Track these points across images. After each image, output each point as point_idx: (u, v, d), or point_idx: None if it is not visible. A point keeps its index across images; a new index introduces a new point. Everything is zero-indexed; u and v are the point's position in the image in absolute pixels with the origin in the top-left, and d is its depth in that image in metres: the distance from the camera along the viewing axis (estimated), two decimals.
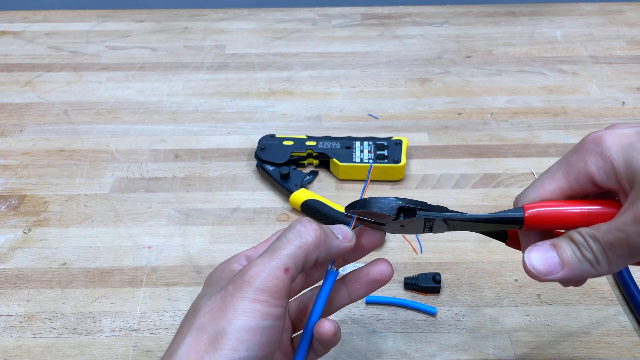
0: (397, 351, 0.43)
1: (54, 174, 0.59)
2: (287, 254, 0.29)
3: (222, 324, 0.27)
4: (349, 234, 0.32)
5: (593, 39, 0.82)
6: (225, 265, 0.32)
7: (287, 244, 0.29)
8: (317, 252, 0.30)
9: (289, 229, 0.30)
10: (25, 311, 0.46)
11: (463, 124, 0.66)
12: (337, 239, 0.32)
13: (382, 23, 0.86)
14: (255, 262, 0.29)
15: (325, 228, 0.31)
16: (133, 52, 0.79)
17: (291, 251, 0.29)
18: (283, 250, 0.29)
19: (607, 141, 0.28)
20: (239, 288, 0.28)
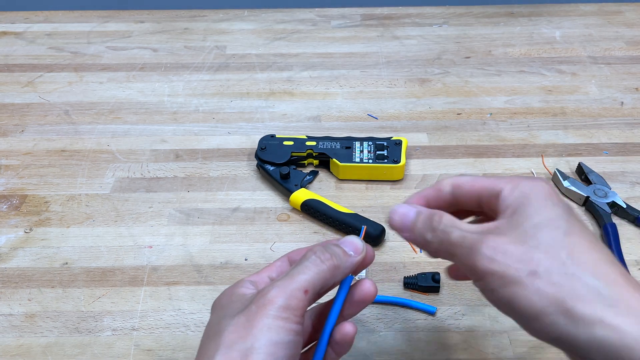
0: (397, 350, 0.43)
1: (55, 174, 0.59)
2: (306, 279, 0.31)
3: (250, 340, 0.28)
4: (359, 246, 0.34)
5: (592, 39, 0.82)
6: (233, 290, 0.33)
7: (305, 270, 0.31)
8: (333, 279, 0.32)
9: (305, 258, 0.32)
10: (26, 310, 0.46)
11: (462, 124, 0.66)
12: (349, 255, 0.33)
13: (382, 24, 0.86)
14: (275, 284, 0.30)
15: (337, 250, 0.33)
16: (134, 52, 0.80)
17: (310, 276, 0.31)
18: (302, 275, 0.31)
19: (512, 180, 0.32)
20: (263, 307, 0.29)
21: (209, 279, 0.48)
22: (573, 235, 0.28)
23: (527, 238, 0.28)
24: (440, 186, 0.34)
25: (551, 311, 0.26)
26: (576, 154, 0.61)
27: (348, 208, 0.53)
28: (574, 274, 0.27)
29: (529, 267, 0.27)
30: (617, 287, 0.27)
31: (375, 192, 0.57)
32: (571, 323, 0.26)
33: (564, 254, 0.27)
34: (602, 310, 0.26)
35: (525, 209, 0.29)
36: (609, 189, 0.55)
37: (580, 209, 0.55)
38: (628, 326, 0.25)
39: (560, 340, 0.27)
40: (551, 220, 0.29)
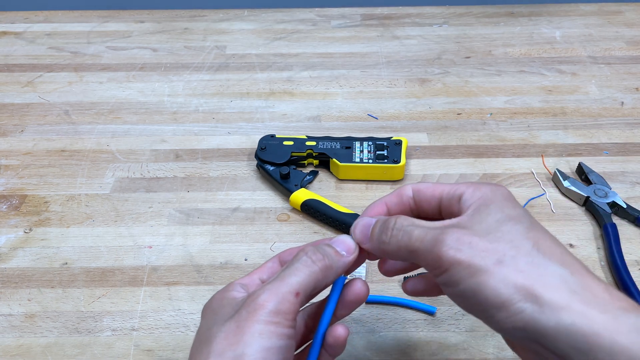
0: (397, 350, 0.43)
1: (54, 174, 0.59)
2: (297, 281, 0.30)
3: (241, 347, 0.28)
4: (352, 246, 0.33)
5: (592, 39, 0.82)
6: (223, 294, 0.32)
7: (296, 272, 0.30)
8: (325, 280, 0.31)
9: (296, 259, 0.31)
10: (26, 311, 0.46)
11: (462, 124, 0.66)
12: (342, 255, 0.32)
13: (382, 24, 0.86)
14: (265, 287, 0.30)
15: (328, 250, 0.32)
16: (134, 52, 0.80)
17: (301, 278, 0.30)
18: (293, 277, 0.30)
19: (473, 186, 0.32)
20: (253, 312, 0.29)
21: (209, 279, 0.48)
22: (536, 230, 0.29)
23: (491, 231, 0.29)
24: (402, 191, 0.34)
25: (518, 299, 0.26)
26: (576, 154, 0.61)
27: (348, 208, 0.53)
28: (540, 262, 0.27)
29: (495, 255, 0.27)
30: (583, 277, 0.27)
31: (375, 192, 0.57)
32: (538, 310, 0.26)
33: (528, 245, 0.28)
34: (569, 297, 0.26)
35: (487, 207, 0.30)
36: (609, 189, 0.55)
37: (581, 209, 0.55)
38: (595, 312, 0.25)
39: (527, 329, 0.26)
40: (513, 216, 0.29)
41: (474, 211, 0.30)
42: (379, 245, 0.32)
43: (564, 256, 0.28)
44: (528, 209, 0.54)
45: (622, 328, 0.25)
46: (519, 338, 0.27)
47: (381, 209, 0.34)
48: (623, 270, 0.47)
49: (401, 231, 0.31)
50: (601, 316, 0.25)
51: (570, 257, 0.28)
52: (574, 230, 0.52)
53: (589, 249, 0.51)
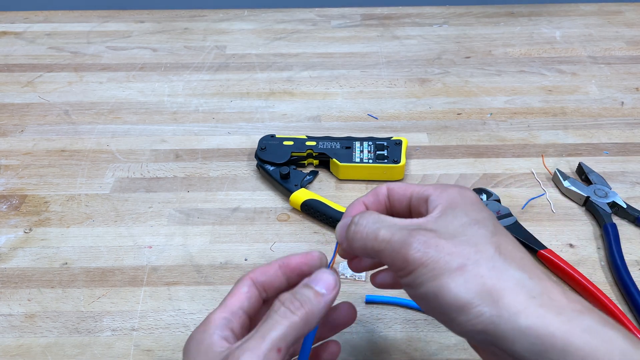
0: (397, 350, 0.43)
1: (54, 174, 0.59)
2: (278, 336, 0.28)
3: None
4: (331, 282, 0.31)
5: (592, 39, 0.82)
6: (203, 337, 0.30)
7: (275, 326, 0.29)
8: (308, 327, 0.30)
9: (274, 311, 0.29)
10: (26, 311, 0.46)
11: (462, 124, 0.66)
12: (322, 295, 0.30)
13: (382, 23, 0.86)
14: (245, 346, 0.28)
15: (307, 294, 0.30)
16: (134, 52, 0.80)
17: (281, 332, 0.28)
18: (273, 331, 0.28)
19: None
20: None
21: (209, 279, 0.48)
22: (499, 235, 0.30)
23: (457, 234, 0.29)
24: (378, 191, 0.35)
25: (478, 302, 0.27)
26: (576, 154, 0.61)
27: None
28: (500, 267, 0.28)
29: (459, 259, 0.28)
30: (541, 280, 0.28)
31: None
32: (497, 313, 0.26)
33: (491, 249, 0.28)
34: (527, 300, 0.27)
35: (453, 210, 0.30)
36: (609, 189, 0.55)
37: (581, 209, 0.55)
38: (551, 315, 0.26)
39: (486, 332, 0.27)
40: (478, 220, 0.30)
41: (440, 213, 0.31)
42: (348, 244, 0.32)
43: (524, 261, 0.29)
44: (528, 209, 0.54)
45: (576, 329, 0.26)
46: (479, 341, 0.28)
47: (360, 208, 0.35)
48: (623, 270, 0.47)
49: (366, 228, 0.31)
50: (556, 318, 0.26)
51: (529, 262, 0.29)
52: (574, 230, 0.52)
53: (589, 249, 0.51)
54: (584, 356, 0.25)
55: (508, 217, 0.52)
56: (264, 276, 0.33)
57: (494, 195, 0.55)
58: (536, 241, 0.50)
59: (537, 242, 0.50)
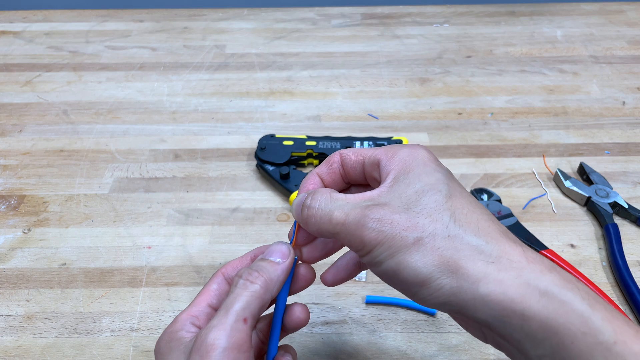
0: (397, 351, 0.43)
1: (53, 174, 0.59)
2: (241, 307, 0.29)
3: None
4: (285, 251, 0.32)
5: (593, 38, 0.81)
6: (171, 334, 0.31)
7: (237, 298, 0.29)
8: (270, 294, 0.30)
9: (234, 285, 0.30)
10: (25, 311, 0.46)
11: (463, 124, 0.65)
12: (277, 264, 0.31)
13: (382, 23, 0.86)
14: (211, 324, 0.28)
15: (262, 264, 0.31)
16: (133, 52, 0.79)
17: (244, 303, 0.29)
18: (236, 304, 0.29)
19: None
20: (206, 355, 0.27)
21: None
22: (454, 198, 0.29)
23: (411, 205, 0.28)
24: (331, 159, 0.34)
25: (437, 275, 0.27)
26: (578, 154, 0.61)
27: None
28: (456, 235, 0.27)
29: (414, 233, 0.27)
30: (499, 243, 0.27)
31: None
32: (456, 284, 0.26)
33: (446, 216, 0.28)
34: (485, 267, 0.26)
35: (407, 176, 0.30)
36: (610, 189, 0.55)
37: (582, 209, 0.55)
38: (510, 279, 0.26)
39: (449, 303, 0.27)
40: (432, 185, 0.29)
41: (392, 181, 0.30)
42: (303, 223, 0.31)
43: (479, 224, 0.28)
44: (529, 209, 0.54)
45: (534, 293, 0.26)
46: (445, 310, 0.28)
47: (315, 181, 0.34)
48: (624, 270, 0.47)
49: (320, 211, 0.30)
50: (515, 281, 0.26)
51: (486, 224, 0.28)
52: (575, 231, 0.52)
53: (590, 250, 0.50)
54: (542, 320, 0.25)
55: (509, 217, 0.52)
56: (235, 270, 0.34)
57: (495, 195, 0.54)
58: (537, 241, 0.50)
59: (538, 242, 0.50)
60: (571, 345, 0.25)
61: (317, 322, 0.45)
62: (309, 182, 0.34)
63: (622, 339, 0.25)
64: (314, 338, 0.44)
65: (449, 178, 0.30)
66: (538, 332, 0.25)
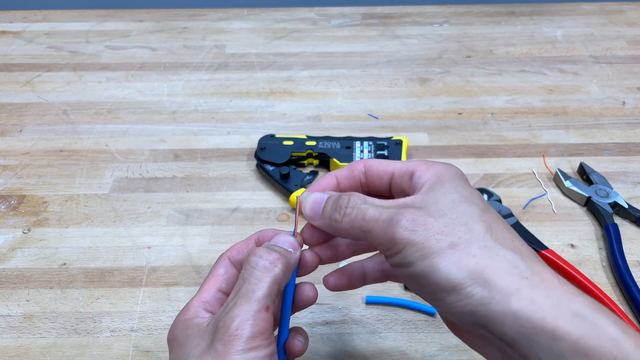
0: (397, 351, 0.43)
1: (53, 174, 0.59)
2: (264, 294, 0.29)
3: None
4: (295, 242, 0.32)
5: (593, 38, 0.81)
6: (187, 321, 0.31)
7: (259, 284, 0.29)
8: (286, 280, 0.31)
9: (253, 267, 0.30)
10: (24, 311, 0.46)
11: (463, 124, 0.65)
12: (291, 252, 0.32)
13: (382, 23, 0.86)
14: (234, 312, 0.28)
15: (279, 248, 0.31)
16: (133, 52, 0.79)
17: (266, 290, 0.29)
18: (258, 291, 0.29)
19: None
20: (229, 344, 0.27)
21: None
22: (489, 213, 0.29)
23: (447, 211, 0.28)
24: (354, 165, 0.33)
25: (469, 283, 0.26)
26: (578, 154, 0.61)
27: None
28: (492, 247, 0.27)
29: (450, 238, 0.27)
30: (532, 262, 0.27)
31: None
32: (488, 295, 0.26)
33: (482, 228, 0.28)
34: (518, 282, 0.26)
35: (443, 186, 0.30)
36: (610, 189, 0.55)
37: (582, 209, 0.55)
38: (542, 297, 0.25)
39: (476, 314, 0.26)
40: (468, 197, 0.29)
41: (428, 190, 0.30)
42: (331, 222, 0.31)
43: (514, 241, 0.28)
44: (529, 209, 0.54)
45: (567, 313, 0.25)
46: (467, 322, 0.27)
47: (331, 182, 0.33)
48: (624, 270, 0.47)
49: (355, 209, 0.30)
50: (547, 301, 0.25)
51: (520, 243, 0.28)
52: (575, 231, 0.52)
53: (590, 250, 0.50)
54: (574, 341, 0.24)
55: (509, 217, 0.52)
56: (241, 254, 0.34)
57: (495, 195, 0.54)
58: (537, 241, 0.50)
59: (538, 242, 0.50)
60: None
61: (317, 322, 0.45)
62: (325, 181, 0.33)
63: None
64: (314, 338, 0.44)
65: (481, 195, 0.30)
66: (568, 353, 0.25)
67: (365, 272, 0.35)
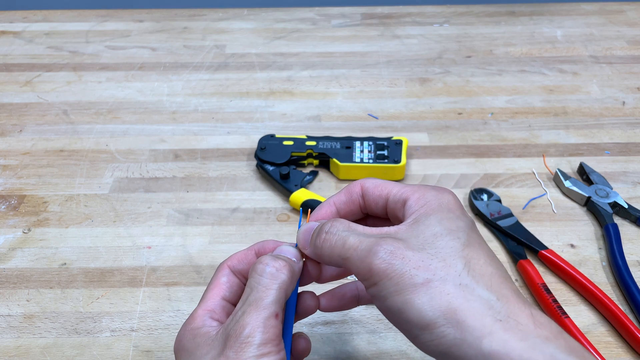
0: (397, 351, 0.43)
1: (53, 174, 0.59)
2: (273, 301, 0.29)
3: None
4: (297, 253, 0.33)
5: (593, 38, 0.81)
6: (194, 330, 0.31)
7: (267, 292, 0.29)
8: (292, 287, 0.31)
9: (260, 275, 0.30)
10: (25, 311, 0.46)
11: (463, 124, 0.65)
12: (295, 262, 0.32)
13: (382, 23, 0.86)
14: (244, 320, 0.28)
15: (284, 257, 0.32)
16: (133, 52, 0.79)
17: (274, 297, 0.29)
18: (266, 299, 0.29)
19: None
20: (241, 351, 0.28)
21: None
22: (471, 247, 0.28)
23: (426, 246, 0.28)
24: (351, 189, 0.33)
25: (442, 322, 0.26)
26: (578, 154, 0.61)
27: None
28: (468, 285, 0.27)
29: (425, 274, 0.27)
30: (509, 302, 0.27)
31: None
32: (460, 335, 0.26)
33: (460, 264, 0.27)
34: (491, 324, 0.26)
35: (428, 218, 0.29)
36: (610, 189, 0.55)
37: (582, 209, 0.55)
38: (515, 341, 0.25)
39: (449, 354, 0.26)
40: (451, 231, 0.29)
41: (414, 221, 0.29)
42: (314, 250, 0.31)
43: (493, 278, 0.27)
44: (529, 209, 0.54)
45: (539, 357, 0.25)
46: None
47: (329, 210, 0.33)
48: (624, 270, 0.47)
49: (336, 236, 0.30)
50: (520, 344, 0.25)
51: (499, 279, 0.28)
52: (575, 231, 0.52)
53: (590, 250, 0.50)
54: None
55: (509, 217, 0.52)
56: (241, 264, 0.34)
57: (494, 195, 0.54)
58: (537, 241, 0.50)
59: (538, 242, 0.50)
60: None
61: (317, 322, 0.45)
62: (323, 211, 0.33)
63: None
64: (314, 338, 0.44)
65: (470, 228, 0.30)
66: None
67: (359, 293, 0.35)
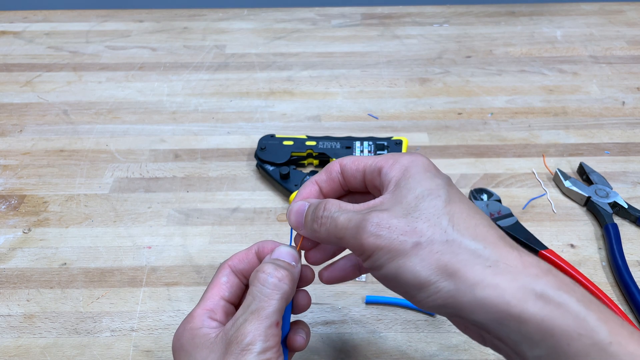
0: (397, 351, 0.43)
1: (53, 174, 0.59)
2: (274, 311, 0.30)
3: None
4: (296, 255, 0.34)
5: (593, 38, 0.82)
6: (193, 330, 0.31)
7: (269, 302, 0.30)
8: (292, 294, 0.32)
9: (262, 284, 0.31)
10: (25, 311, 0.46)
11: (463, 124, 0.65)
12: (294, 266, 0.33)
13: (382, 23, 0.86)
14: (246, 328, 0.29)
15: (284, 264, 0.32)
16: (133, 52, 0.79)
17: (275, 307, 0.30)
18: (268, 308, 0.30)
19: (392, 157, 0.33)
20: (242, 358, 0.29)
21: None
22: (453, 203, 0.29)
23: (410, 210, 0.29)
24: (331, 168, 0.34)
25: (435, 279, 0.27)
26: (577, 154, 0.61)
27: None
28: (454, 239, 0.28)
29: (413, 238, 0.28)
30: (496, 248, 0.28)
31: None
32: (454, 287, 0.27)
33: (445, 221, 0.28)
34: (482, 271, 0.27)
35: (407, 181, 0.30)
36: (610, 189, 0.55)
37: (582, 209, 0.55)
38: (506, 283, 0.26)
39: (446, 306, 0.28)
40: (431, 190, 0.30)
41: (394, 187, 0.30)
42: (312, 233, 0.32)
43: (477, 229, 0.29)
44: (529, 209, 0.54)
45: (530, 296, 0.26)
46: (442, 313, 0.29)
47: (313, 189, 0.34)
48: (624, 270, 0.47)
49: (329, 218, 0.31)
50: (511, 285, 0.26)
51: (484, 228, 0.29)
52: (575, 231, 0.52)
53: (590, 249, 0.51)
54: (539, 323, 0.26)
55: (509, 217, 0.52)
56: (242, 264, 0.35)
57: (494, 195, 0.54)
58: (537, 241, 0.50)
59: (538, 242, 0.50)
60: (567, 346, 0.25)
61: (317, 322, 0.45)
62: (307, 190, 0.34)
63: (617, 340, 0.25)
64: (314, 338, 0.44)
65: (448, 184, 0.31)
66: (535, 334, 0.26)
67: (358, 263, 0.36)
